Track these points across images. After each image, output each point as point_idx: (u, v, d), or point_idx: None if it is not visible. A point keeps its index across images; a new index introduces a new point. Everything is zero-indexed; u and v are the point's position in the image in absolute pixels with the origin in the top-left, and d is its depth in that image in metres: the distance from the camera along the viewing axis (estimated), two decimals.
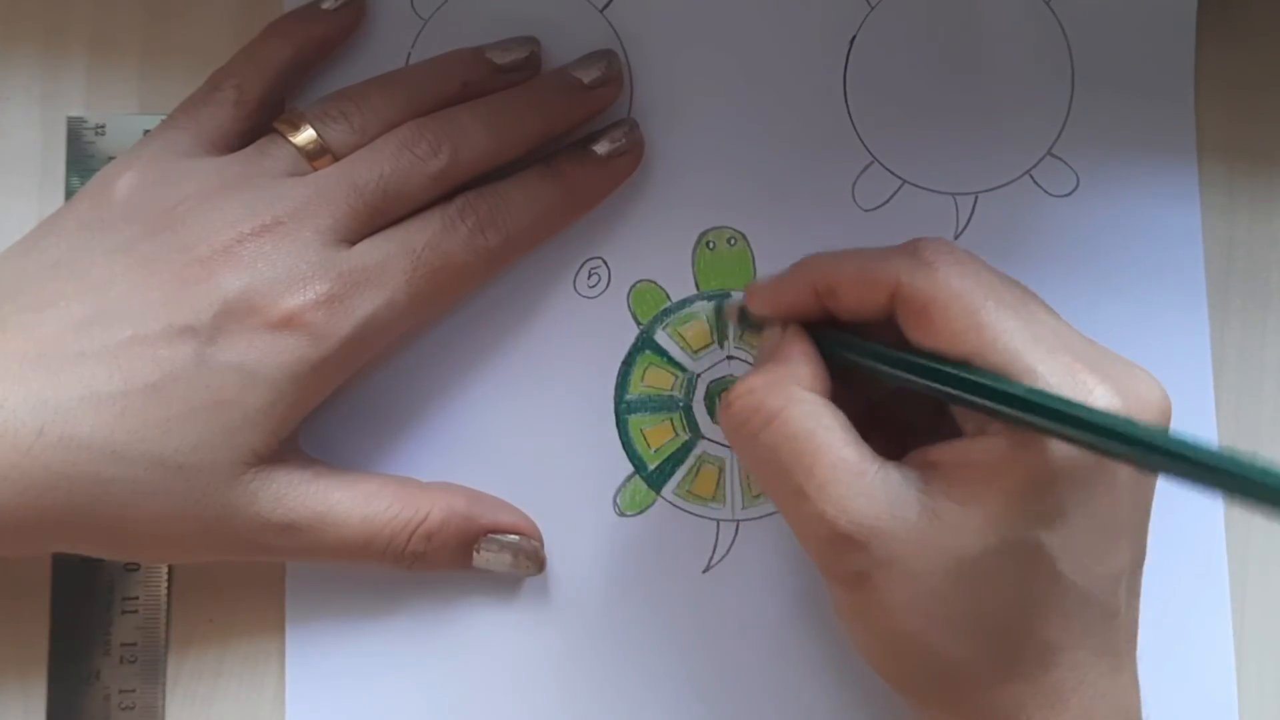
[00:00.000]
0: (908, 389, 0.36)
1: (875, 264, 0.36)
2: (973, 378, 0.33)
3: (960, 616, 0.34)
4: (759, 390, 0.37)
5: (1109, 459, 0.32)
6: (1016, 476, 0.33)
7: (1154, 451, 0.30)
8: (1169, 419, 0.35)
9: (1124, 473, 0.34)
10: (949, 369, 0.34)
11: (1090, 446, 0.31)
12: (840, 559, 0.35)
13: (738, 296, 0.44)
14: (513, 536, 0.42)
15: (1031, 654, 0.34)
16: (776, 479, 0.36)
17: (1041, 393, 0.32)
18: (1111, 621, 0.35)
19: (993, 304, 0.34)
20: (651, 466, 0.44)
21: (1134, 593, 0.36)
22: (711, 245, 0.44)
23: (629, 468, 0.44)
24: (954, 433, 0.35)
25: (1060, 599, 0.34)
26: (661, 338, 0.44)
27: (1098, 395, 0.33)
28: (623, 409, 0.44)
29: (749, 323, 0.40)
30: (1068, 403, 0.32)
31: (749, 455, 0.37)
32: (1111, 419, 0.31)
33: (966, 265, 0.36)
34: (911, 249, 0.36)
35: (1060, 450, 0.33)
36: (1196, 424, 0.44)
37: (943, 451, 0.35)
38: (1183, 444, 0.30)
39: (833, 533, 0.34)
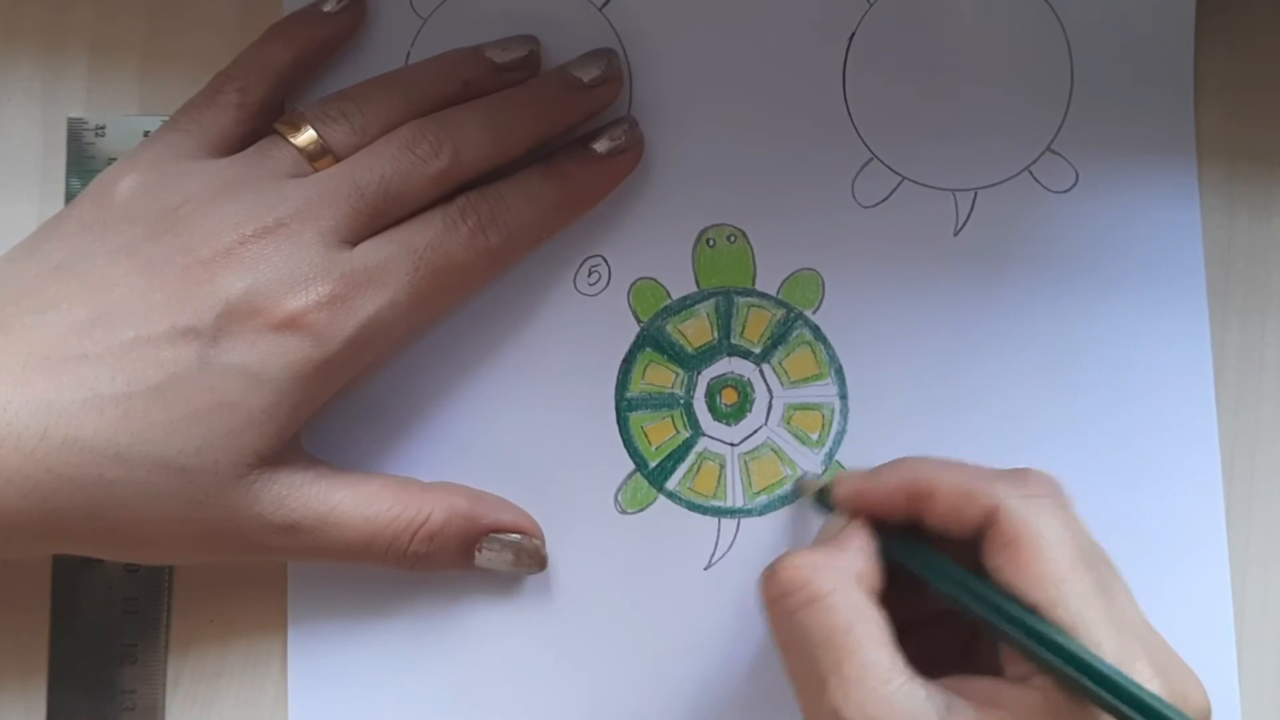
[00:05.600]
0: (961, 612, 0.35)
1: (979, 480, 0.36)
2: (1043, 630, 0.33)
3: None
4: (808, 569, 0.36)
5: None
6: None
7: None
8: None
9: None
10: (1023, 614, 0.34)
11: None
12: None
13: (813, 473, 0.43)
14: (514, 536, 0.42)
15: None
16: (802, 660, 0.35)
17: (1105, 663, 0.32)
18: None
19: (1084, 567, 0.34)
20: (652, 464, 0.44)
21: None
22: (711, 242, 0.44)
23: (630, 465, 0.44)
24: (990, 668, 0.35)
25: None
26: (662, 335, 0.44)
27: (1149, 688, 0.32)
28: (623, 406, 0.44)
29: (823, 503, 0.40)
30: (1130, 680, 0.32)
31: (781, 628, 0.36)
32: (1167, 708, 0.31)
33: (1069, 516, 0.35)
34: (1021, 478, 0.36)
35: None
36: (1197, 424, 0.44)
37: (976, 686, 0.34)
38: None
39: None
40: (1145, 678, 0.33)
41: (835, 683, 0.34)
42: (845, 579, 0.36)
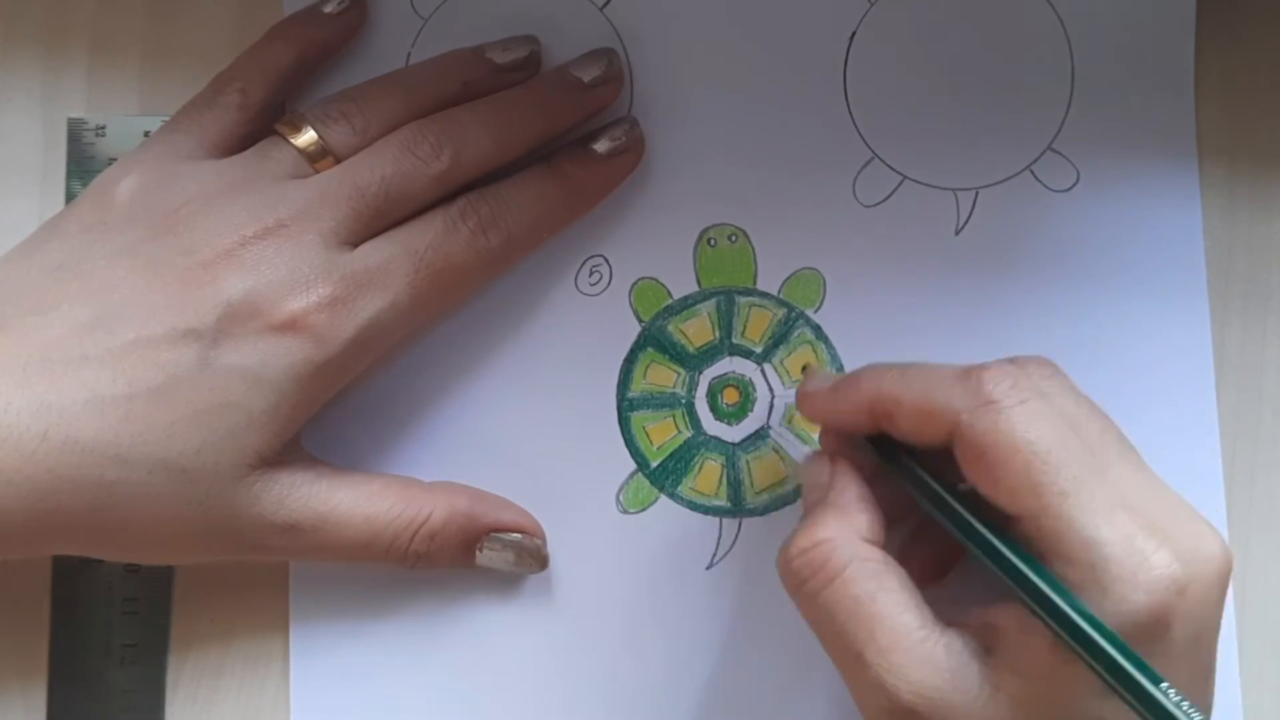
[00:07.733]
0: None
1: (937, 396, 0.35)
2: (1012, 558, 0.33)
3: None
4: (821, 547, 0.35)
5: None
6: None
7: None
8: (1227, 578, 0.34)
9: (1178, 639, 0.33)
10: (993, 539, 0.34)
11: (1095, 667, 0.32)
12: None
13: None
14: (515, 535, 0.42)
15: None
16: (836, 640, 0.35)
17: (1055, 598, 0.32)
18: None
19: (1055, 461, 0.33)
20: (654, 464, 0.44)
21: None
22: (713, 242, 0.44)
23: (631, 465, 0.44)
24: None
25: None
26: (663, 335, 0.44)
27: (1156, 562, 0.32)
28: (625, 406, 0.44)
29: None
30: (1091, 619, 0.32)
31: (808, 612, 0.36)
32: (1119, 646, 0.31)
33: (1033, 406, 0.34)
34: (977, 382, 0.35)
35: (1119, 621, 0.32)
36: (1197, 424, 0.44)
37: (1004, 616, 0.34)
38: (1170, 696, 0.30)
39: (894, 703, 0.33)
40: (1147, 553, 0.32)
41: (873, 654, 0.34)
42: (857, 547, 0.36)
